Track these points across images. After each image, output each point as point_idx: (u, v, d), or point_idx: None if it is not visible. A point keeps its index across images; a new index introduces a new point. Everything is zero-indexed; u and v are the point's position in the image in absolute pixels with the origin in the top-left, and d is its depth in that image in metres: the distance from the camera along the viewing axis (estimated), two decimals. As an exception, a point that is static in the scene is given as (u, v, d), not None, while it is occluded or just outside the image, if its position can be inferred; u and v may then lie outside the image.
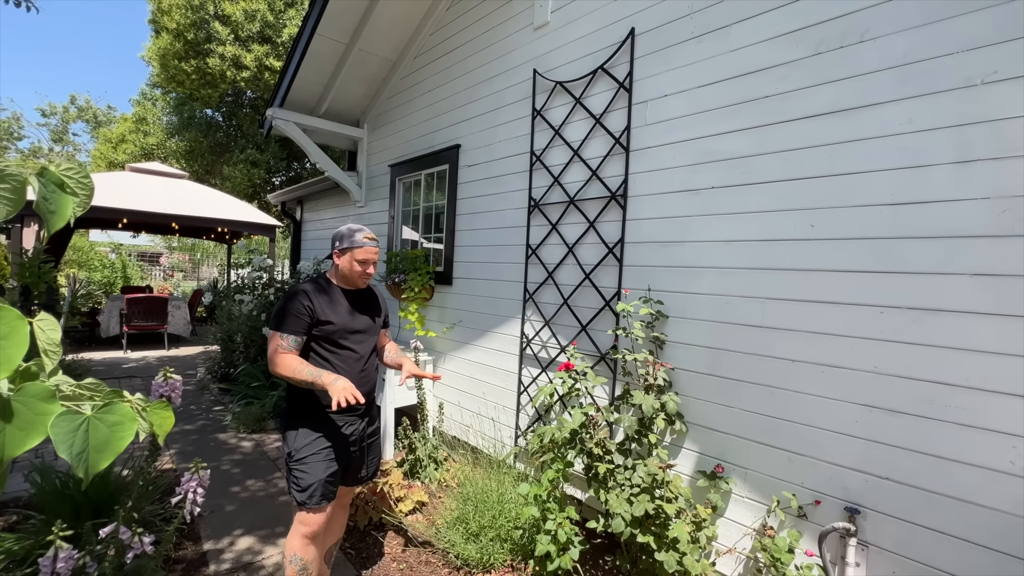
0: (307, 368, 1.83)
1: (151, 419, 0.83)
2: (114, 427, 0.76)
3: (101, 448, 0.74)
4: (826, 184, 1.99)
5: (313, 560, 1.91)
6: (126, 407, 0.79)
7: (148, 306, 7.89)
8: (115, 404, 0.78)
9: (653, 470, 2.09)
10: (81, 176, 0.84)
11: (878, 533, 1.84)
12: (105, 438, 0.75)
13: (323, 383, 1.77)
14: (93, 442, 0.74)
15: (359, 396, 1.72)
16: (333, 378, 1.78)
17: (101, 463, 0.75)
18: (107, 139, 14.24)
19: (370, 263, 2.02)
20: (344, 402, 1.68)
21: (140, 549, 1.94)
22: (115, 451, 0.76)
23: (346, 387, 1.73)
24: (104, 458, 0.75)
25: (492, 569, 2.42)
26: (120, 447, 0.77)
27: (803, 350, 2.04)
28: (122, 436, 0.77)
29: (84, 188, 0.84)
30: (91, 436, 0.74)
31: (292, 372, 1.83)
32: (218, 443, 4.12)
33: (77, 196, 0.83)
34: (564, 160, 3.09)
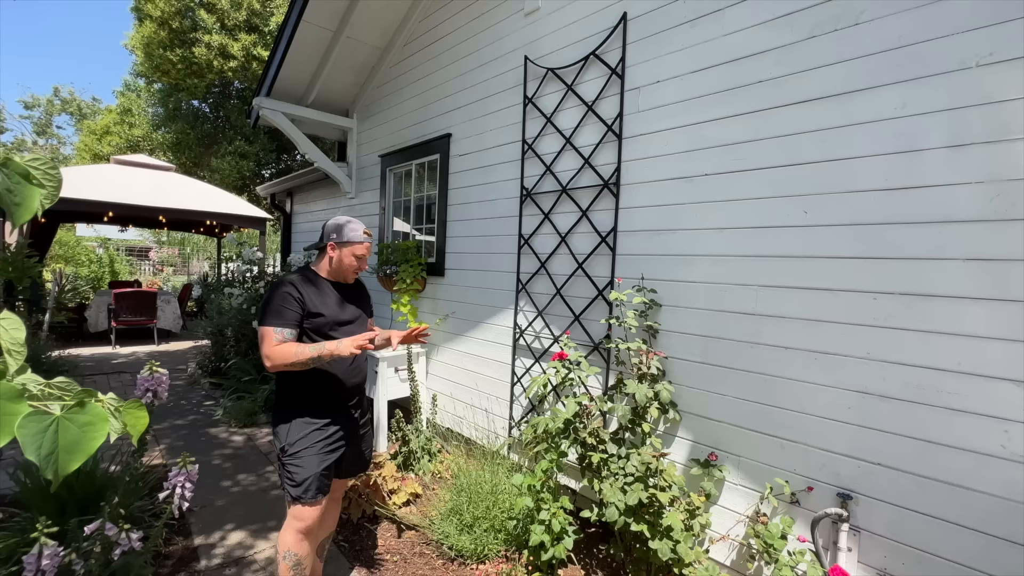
0: (306, 347, 1.80)
1: (124, 419, 0.79)
2: (85, 427, 0.73)
3: (71, 449, 0.71)
4: (820, 170, 1.98)
5: (307, 555, 1.89)
6: (97, 407, 0.75)
7: (137, 301, 7.78)
8: (86, 404, 0.74)
9: (647, 459, 2.08)
10: (48, 167, 0.80)
11: (870, 518, 1.84)
12: (75, 439, 0.72)
13: (330, 352, 1.78)
14: (63, 443, 0.71)
15: (367, 344, 1.77)
16: (335, 344, 1.79)
17: (71, 464, 0.71)
18: (91, 131, 13.95)
19: (365, 258, 2.01)
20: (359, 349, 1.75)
21: (128, 546, 1.91)
22: (86, 452, 0.73)
23: (353, 340, 1.76)
24: (74, 460, 0.72)
25: (486, 560, 2.42)
26: (91, 448, 0.74)
27: (796, 337, 2.03)
28: (93, 437, 0.74)
29: (51, 180, 0.80)
30: (60, 437, 0.71)
31: (294, 356, 1.78)
32: (209, 438, 4.08)
33: (44, 188, 0.79)
34: (556, 148, 3.05)
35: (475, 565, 2.41)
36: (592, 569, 2.44)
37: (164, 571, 2.34)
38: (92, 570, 1.84)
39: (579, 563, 2.46)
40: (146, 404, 2.00)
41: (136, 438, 0.80)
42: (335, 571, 2.38)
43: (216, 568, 2.38)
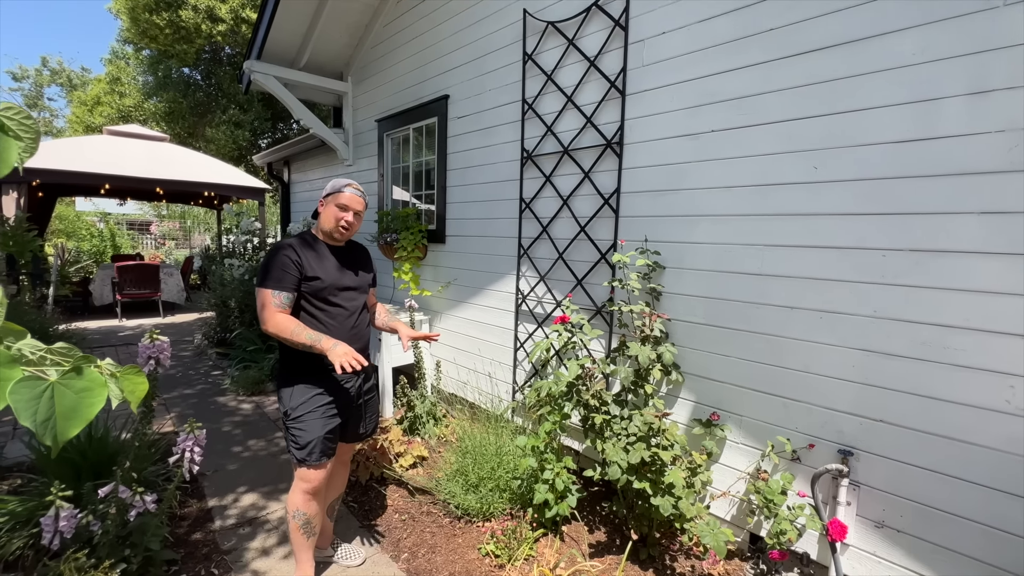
0: (305, 331, 1.76)
1: (123, 385, 0.78)
2: (82, 393, 0.72)
3: (69, 415, 0.70)
4: (831, 123, 1.90)
5: (315, 515, 1.94)
6: (95, 372, 0.74)
7: (140, 274, 7.79)
8: (82, 370, 0.73)
9: (649, 419, 2.10)
10: (23, 118, 0.75)
11: (870, 473, 1.87)
12: (73, 405, 0.71)
13: (322, 348, 1.73)
14: (60, 409, 0.70)
15: (362, 360, 1.68)
16: (332, 343, 1.73)
17: (70, 431, 0.70)
18: (82, 102, 13.63)
19: (350, 211, 1.92)
20: (348, 367, 1.64)
21: (143, 507, 1.97)
22: (85, 418, 0.72)
23: (347, 352, 1.68)
24: (73, 425, 0.71)
25: (492, 518, 2.48)
26: (90, 414, 0.73)
27: (802, 297, 2.01)
28: (91, 403, 0.72)
29: (28, 131, 0.76)
30: (57, 403, 0.69)
31: (289, 335, 1.77)
32: (218, 406, 4.15)
33: (21, 140, 0.75)
34: (557, 108, 2.95)
35: (481, 523, 2.48)
36: (595, 525, 2.50)
37: (180, 531, 2.41)
38: (109, 531, 1.89)
39: (582, 520, 2.53)
40: (149, 372, 2.02)
41: (135, 404, 0.79)
42: (345, 530, 2.45)
43: (231, 528, 2.46)
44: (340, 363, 1.65)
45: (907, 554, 1.79)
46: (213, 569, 2.16)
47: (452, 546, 2.33)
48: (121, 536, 1.95)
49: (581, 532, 2.45)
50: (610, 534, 2.43)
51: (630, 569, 2.17)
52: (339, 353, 1.67)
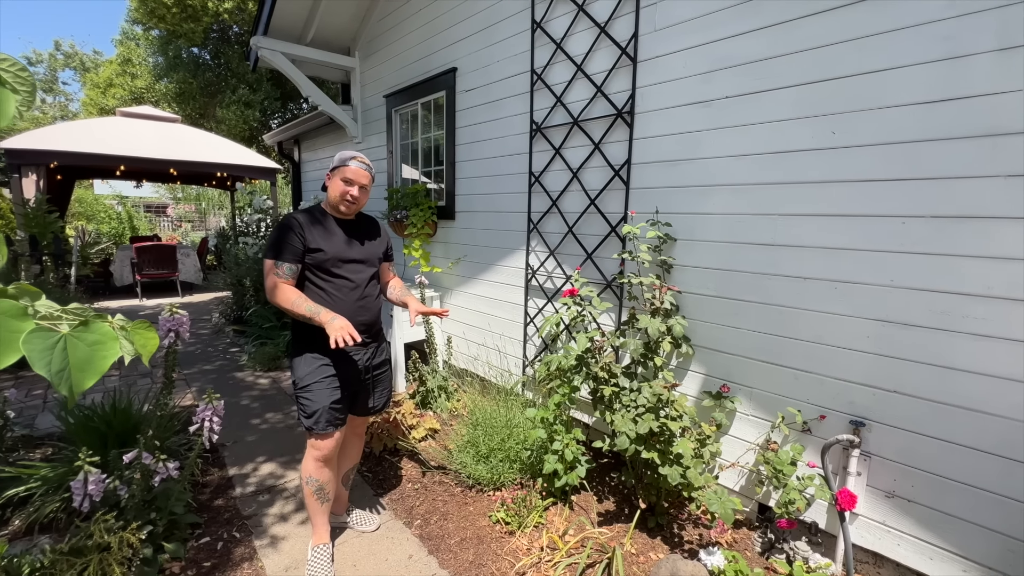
0: (305, 303, 1.81)
1: (133, 338, 0.80)
2: (94, 346, 0.74)
3: (83, 367, 0.72)
4: (851, 85, 1.82)
5: (328, 481, 1.99)
6: (105, 326, 0.76)
7: (157, 254, 7.94)
8: (93, 323, 0.75)
9: (658, 390, 2.10)
10: (18, 70, 0.76)
11: (882, 444, 1.85)
12: (86, 357, 0.73)
13: (320, 320, 1.77)
14: (73, 361, 0.72)
15: (356, 336, 1.72)
16: (330, 316, 1.76)
17: (85, 382, 0.73)
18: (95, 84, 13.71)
19: (355, 184, 1.92)
20: (341, 342, 1.68)
21: (166, 474, 2.04)
22: (98, 371, 0.74)
23: (343, 327, 1.72)
24: (88, 377, 0.73)
25: (502, 487, 2.53)
26: (103, 367, 0.75)
27: (816, 267, 1.96)
28: (104, 356, 0.75)
29: (24, 84, 0.76)
30: (70, 355, 0.72)
31: (291, 305, 1.82)
32: (236, 381, 4.26)
33: (18, 93, 0.75)
34: (567, 77, 2.88)
35: (492, 492, 2.53)
36: (604, 495, 2.54)
37: (203, 497, 2.51)
38: (135, 495, 1.98)
39: (592, 490, 2.57)
40: (169, 344, 2.07)
41: (147, 357, 0.81)
42: (360, 498, 2.52)
43: (251, 495, 2.55)
44: (335, 337, 1.68)
45: (917, 523, 1.79)
46: (235, 533, 2.25)
47: (463, 514, 2.39)
48: (147, 500, 2.04)
49: (590, 502, 2.48)
50: (619, 503, 2.46)
51: (638, 536, 2.21)
52: (335, 327, 1.71)
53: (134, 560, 1.88)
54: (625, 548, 2.10)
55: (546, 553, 2.07)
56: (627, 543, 2.12)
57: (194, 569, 2.02)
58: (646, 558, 2.07)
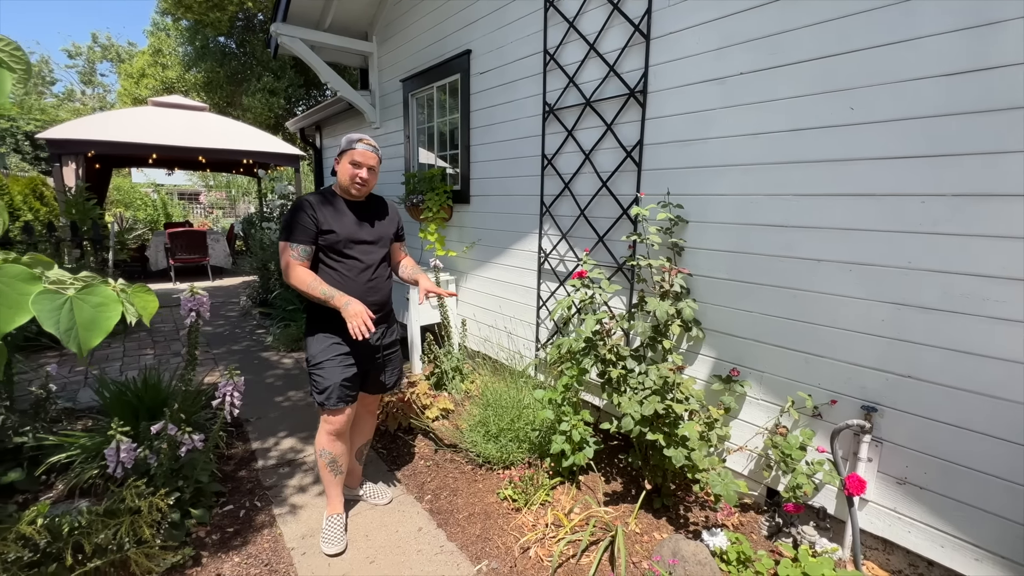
0: (320, 286, 1.88)
1: (134, 300, 0.85)
2: (98, 308, 0.80)
3: (89, 327, 0.78)
4: (871, 58, 1.74)
5: (341, 454, 2.08)
6: (107, 289, 0.81)
7: (189, 240, 8.24)
8: (95, 286, 0.80)
9: (664, 373, 2.09)
10: (13, 49, 0.80)
11: (894, 430, 1.81)
12: (91, 317, 0.78)
13: (336, 304, 1.84)
14: (80, 320, 0.77)
15: (371, 326, 1.79)
16: (345, 301, 1.83)
17: (92, 339, 0.78)
18: (128, 75, 14.18)
19: (364, 166, 1.96)
20: (357, 333, 1.76)
21: (192, 445, 2.16)
22: (104, 329, 0.79)
23: (358, 312, 1.79)
24: (94, 335, 0.79)
25: (511, 466, 2.59)
26: (108, 326, 0.80)
27: (831, 248, 1.91)
28: (108, 316, 0.80)
29: (19, 62, 0.81)
30: (77, 315, 0.77)
31: (306, 288, 1.89)
32: (261, 360, 4.43)
33: (14, 72, 0.80)
34: (579, 57, 2.84)
35: (501, 470, 2.58)
36: (612, 476, 2.56)
37: (228, 469, 2.65)
38: (163, 463, 2.10)
39: (600, 472, 2.59)
40: (191, 323, 2.17)
41: (147, 318, 0.86)
42: (374, 473, 2.62)
43: (272, 467, 2.67)
44: (351, 325, 1.76)
45: (929, 510, 1.75)
46: (256, 502, 2.37)
47: (472, 490, 2.45)
48: (174, 469, 2.16)
49: (598, 482, 2.51)
50: (626, 484, 2.48)
51: (643, 517, 2.23)
52: (351, 313, 1.79)
53: (162, 523, 2.01)
54: (630, 527, 2.13)
55: (550, 530, 2.11)
56: (632, 523, 2.15)
57: (218, 534, 2.15)
58: (650, 537, 2.09)
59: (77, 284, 0.82)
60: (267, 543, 2.10)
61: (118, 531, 1.84)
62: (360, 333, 1.76)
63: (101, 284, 0.82)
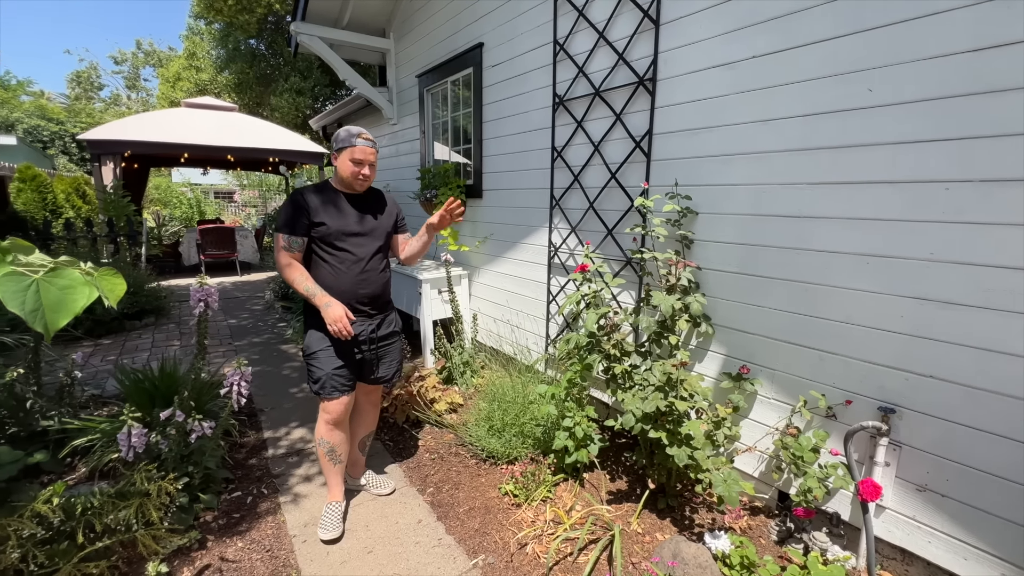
0: (305, 282, 1.94)
1: (101, 283, 0.86)
2: (65, 290, 0.81)
3: (56, 308, 0.79)
4: (891, 35, 1.63)
5: (340, 443, 2.09)
6: (73, 272, 0.82)
7: (218, 236, 8.53)
8: (63, 269, 0.81)
9: (668, 369, 2.02)
10: None
11: (913, 433, 1.70)
12: (58, 299, 0.80)
13: (316, 303, 1.93)
14: (47, 302, 0.79)
15: (350, 330, 1.90)
16: (326, 302, 1.92)
17: (59, 321, 0.80)
18: (165, 78, 14.78)
19: (365, 164, 1.98)
20: (337, 334, 1.89)
21: (201, 432, 2.22)
22: (71, 311, 0.81)
23: (338, 317, 1.89)
24: (61, 317, 0.80)
25: (515, 461, 2.56)
26: (76, 308, 0.81)
27: (846, 240, 1.80)
28: (75, 298, 0.81)
29: None
30: (43, 297, 0.79)
31: (292, 282, 1.96)
32: (280, 352, 4.54)
33: None
34: (589, 46, 2.77)
35: (504, 465, 2.56)
36: (617, 475, 2.50)
37: (239, 456, 2.71)
38: (172, 449, 2.17)
39: (605, 469, 2.54)
40: (200, 313, 2.23)
41: (114, 301, 0.87)
42: (379, 464, 2.64)
43: (281, 456, 2.72)
44: (331, 328, 1.89)
45: (951, 520, 1.63)
46: (263, 489, 2.42)
47: (475, 484, 2.44)
48: (183, 455, 2.23)
49: (602, 480, 2.46)
50: (631, 483, 2.42)
51: (646, 516, 2.16)
52: (330, 316, 1.89)
53: (171, 507, 2.08)
54: (631, 527, 2.08)
55: (549, 526, 2.08)
56: (634, 522, 2.09)
57: (224, 519, 2.20)
58: (651, 538, 2.03)
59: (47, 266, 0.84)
60: (270, 529, 2.14)
61: (127, 512, 1.91)
62: (340, 335, 1.90)
63: (68, 267, 0.83)
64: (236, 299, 6.88)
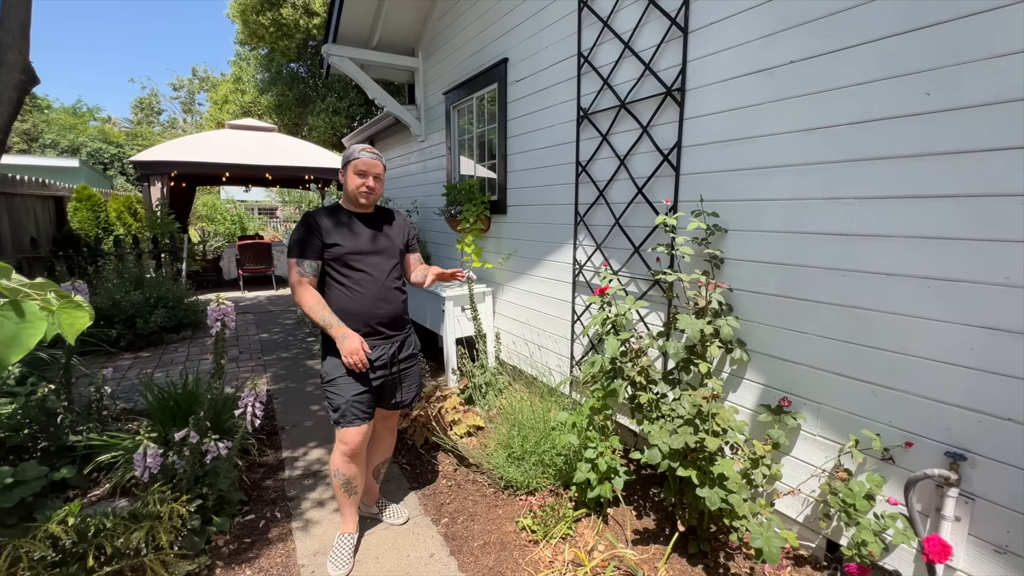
0: (322, 311, 1.89)
1: (60, 319, 0.81)
2: (21, 324, 0.76)
3: (9, 343, 0.74)
4: (952, 32, 1.45)
5: (355, 475, 2.01)
6: (33, 306, 0.77)
7: (256, 251, 8.82)
8: (23, 303, 0.76)
9: (698, 400, 1.85)
10: None
11: (990, 484, 1.47)
12: (12, 334, 0.75)
13: (333, 334, 1.88)
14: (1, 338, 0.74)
15: (365, 363, 1.86)
16: (342, 332, 1.87)
17: (11, 357, 0.74)
18: (214, 101, 15.64)
19: (370, 175, 1.93)
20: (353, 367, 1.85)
21: (216, 452, 2.20)
22: (25, 347, 0.75)
23: (354, 349, 1.84)
24: (14, 353, 0.75)
25: (535, 492, 2.42)
26: (29, 343, 0.76)
27: (904, 261, 1.60)
28: (31, 333, 0.76)
29: None
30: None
31: (308, 309, 1.90)
32: (306, 368, 4.57)
33: None
34: (614, 57, 2.67)
35: (524, 496, 2.43)
36: (645, 511, 2.32)
37: (257, 476, 2.69)
38: (187, 470, 2.15)
39: (631, 504, 2.36)
40: (216, 332, 2.22)
41: (72, 337, 0.81)
42: (394, 490, 2.55)
43: (297, 478, 2.68)
44: (346, 361, 1.85)
45: (1040, 590, 1.39)
46: (276, 513, 2.37)
47: (491, 516, 2.31)
48: (198, 476, 2.21)
49: (627, 516, 2.29)
50: (660, 522, 2.24)
51: (675, 562, 1.98)
52: (346, 349, 1.85)
53: (182, 529, 2.05)
54: (659, 574, 1.89)
55: (568, 568, 1.93)
56: (661, 568, 1.91)
57: (236, 544, 2.16)
58: (681, 588, 1.85)
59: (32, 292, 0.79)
60: (280, 557, 2.07)
61: (138, 535, 1.88)
62: (356, 367, 1.86)
63: (28, 300, 0.78)
64: (269, 313, 7.05)
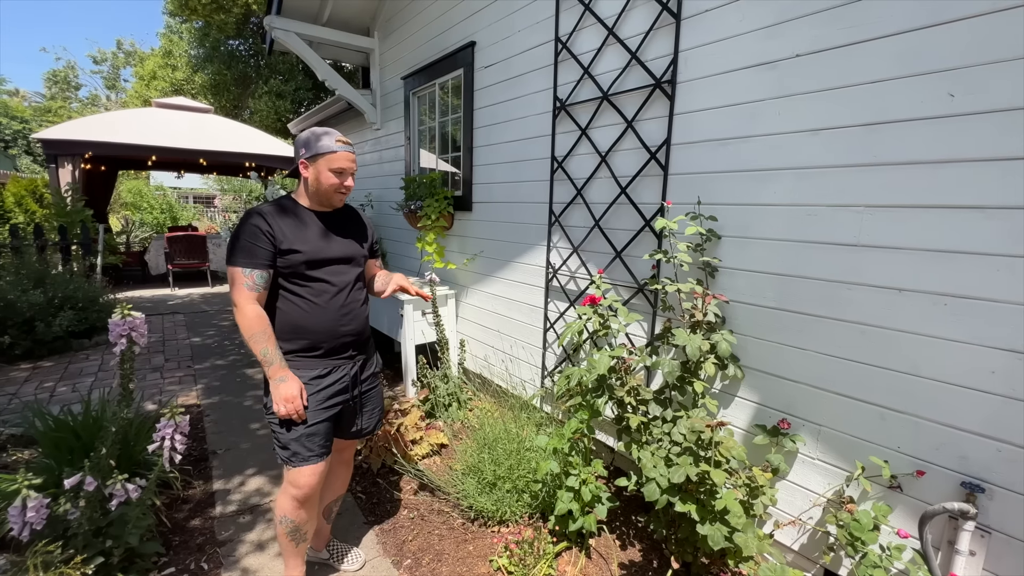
0: (264, 343, 1.53)
1: None
2: None
3: None
4: (978, 29, 1.33)
5: (306, 522, 1.68)
6: None
7: (188, 244, 8.00)
8: None
9: (698, 427, 1.67)
10: None
11: (1008, 517, 1.37)
12: None
13: (269, 375, 1.54)
14: None
15: (302, 414, 1.54)
16: (279, 376, 1.53)
17: None
18: (140, 77, 14.16)
19: (348, 174, 1.62)
20: (285, 415, 1.53)
21: (124, 497, 1.80)
22: None
23: (290, 398, 1.51)
24: None
25: (509, 522, 2.18)
26: None
27: (916, 275, 1.48)
28: None
29: None
30: None
31: (248, 337, 1.54)
32: (244, 378, 4.08)
33: None
34: (596, 44, 2.45)
35: (496, 527, 2.18)
36: (629, 540, 2.14)
37: (180, 516, 2.28)
38: (83, 524, 1.73)
39: (614, 533, 2.17)
40: (122, 351, 1.80)
41: None
42: (348, 525, 2.23)
43: (231, 515, 2.30)
44: (280, 409, 1.52)
45: (1059, 630, 1.30)
46: (203, 563, 1.99)
47: (461, 554, 2.05)
48: (99, 528, 1.80)
49: (612, 547, 2.09)
50: (646, 552, 2.06)
51: (669, 602, 1.80)
52: (282, 395, 1.51)
53: (76, 600, 1.64)
54: (652, 618, 1.71)
55: (553, 619, 1.70)
56: (654, 612, 1.73)
57: (148, 609, 1.77)
58: (678, 634, 1.67)
59: None
60: (205, 624, 1.71)
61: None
62: (290, 416, 1.54)
63: None
64: (203, 313, 6.37)
